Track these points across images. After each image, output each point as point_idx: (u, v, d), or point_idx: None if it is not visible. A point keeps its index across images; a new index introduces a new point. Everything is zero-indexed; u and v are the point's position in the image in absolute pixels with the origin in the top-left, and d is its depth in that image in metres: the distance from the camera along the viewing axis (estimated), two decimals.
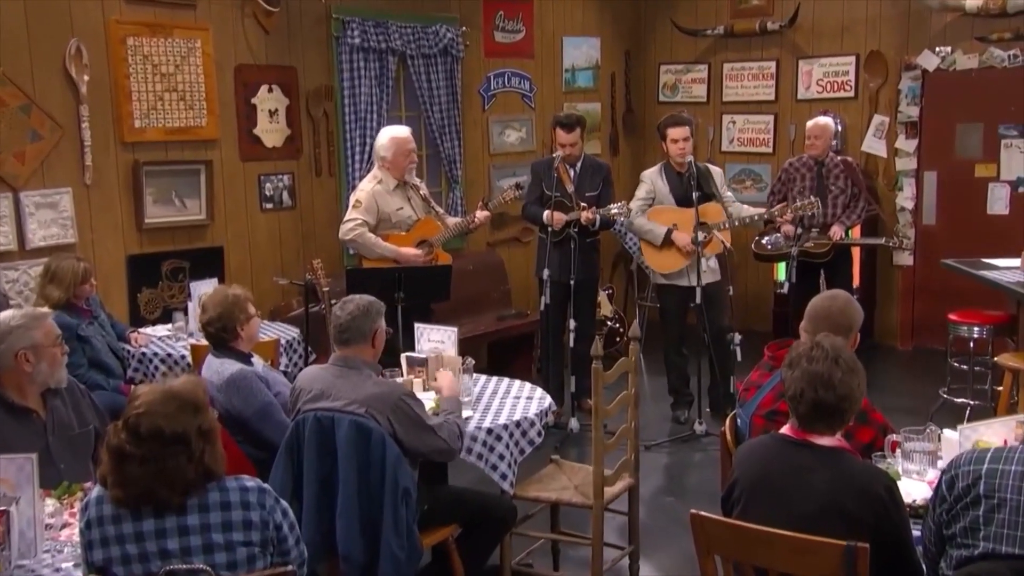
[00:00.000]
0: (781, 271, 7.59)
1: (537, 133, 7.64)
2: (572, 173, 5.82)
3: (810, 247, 6.29)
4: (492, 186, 7.31)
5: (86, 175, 5.28)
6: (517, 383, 4.15)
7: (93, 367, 4.59)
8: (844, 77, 7.56)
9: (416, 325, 4.22)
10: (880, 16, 7.35)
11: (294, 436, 3.25)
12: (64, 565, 2.50)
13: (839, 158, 6.55)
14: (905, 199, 7.38)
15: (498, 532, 3.61)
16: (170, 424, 2.22)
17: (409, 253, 5.23)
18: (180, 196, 5.68)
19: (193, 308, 5.14)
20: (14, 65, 4.99)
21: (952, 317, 5.50)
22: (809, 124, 6.47)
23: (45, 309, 3.92)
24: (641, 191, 5.85)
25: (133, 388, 4.45)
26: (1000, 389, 4.99)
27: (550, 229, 5.63)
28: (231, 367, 3.59)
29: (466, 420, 3.58)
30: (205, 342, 4.58)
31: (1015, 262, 5.33)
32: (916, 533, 2.45)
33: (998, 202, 7.00)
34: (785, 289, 6.19)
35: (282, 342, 4.96)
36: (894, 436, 2.98)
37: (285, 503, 2.42)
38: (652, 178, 5.83)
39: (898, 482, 2.61)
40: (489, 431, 3.60)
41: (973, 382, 5.45)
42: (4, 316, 3.15)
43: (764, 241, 6.73)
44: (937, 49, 7.09)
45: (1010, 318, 5.44)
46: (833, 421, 2.47)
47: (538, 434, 3.77)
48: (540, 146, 7.61)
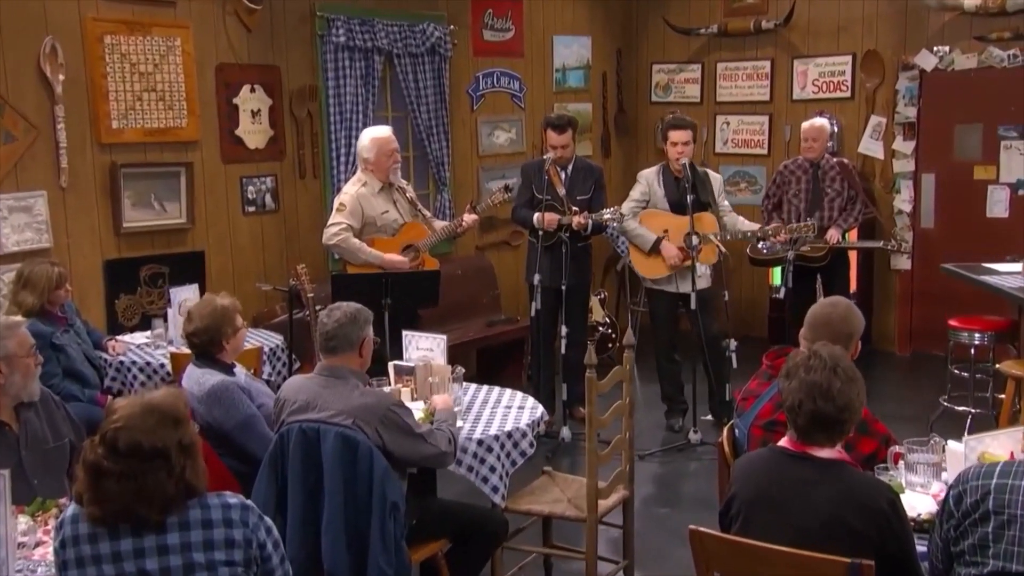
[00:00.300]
0: (776, 276, 7.60)
1: (527, 134, 7.62)
2: (563, 176, 5.80)
3: (806, 251, 6.29)
4: (481, 188, 7.29)
5: (61, 177, 5.23)
6: (508, 392, 4.14)
7: (68, 377, 4.53)
8: (840, 77, 7.57)
9: (404, 333, 4.19)
10: (877, 15, 7.37)
11: (278, 449, 3.22)
12: None
13: (835, 160, 6.56)
14: (903, 202, 7.39)
15: (489, 546, 3.59)
16: (149, 439, 2.18)
17: (394, 260, 5.20)
18: (159, 199, 5.64)
19: (173, 315, 5.13)
20: None
21: (952, 323, 5.50)
22: (805, 126, 6.47)
23: (18, 317, 3.86)
24: (636, 191, 5.84)
25: (110, 400, 4.45)
26: (1002, 397, 4.99)
27: (541, 233, 5.61)
28: (212, 378, 3.57)
29: (458, 430, 3.55)
30: (186, 350, 4.57)
31: (1016, 266, 5.34)
32: (921, 548, 2.44)
33: (997, 205, 7.02)
34: (781, 294, 6.20)
35: (265, 350, 4.94)
36: (897, 447, 2.96)
37: (269, 520, 2.38)
38: (649, 179, 5.82)
39: (901, 495, 2.59)
40: (480, 442, 3.59)
41: (974, 390, 5.46)
42: None
43: (760, 245, 6.73)
44: (935, 49, 7.11)
45: (1012, 324, 5.45)
46: (833, 432, 2.45)
47: (530, 445, 3.77)
48: (530, 147, 7.59)
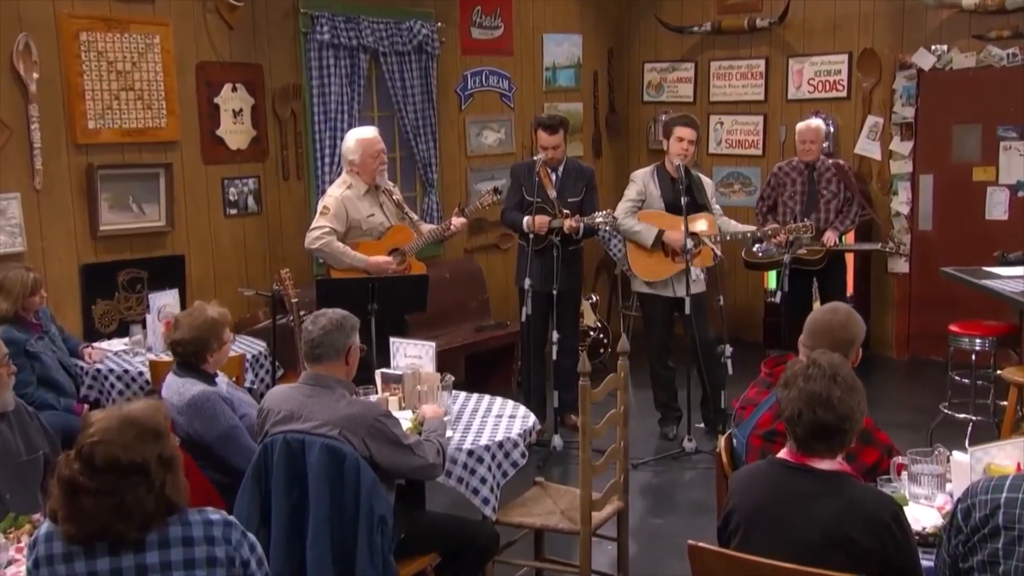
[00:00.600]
0: (772, 279, 7.60)
1: (516, 134, 7.61)
2: (554, 177, 5.79)
3: (803, 254, 6.29)
4: (469, 190, 7.28)
5: (36, 179, 5.19)
6: (499, 401, 4.12)
7: (43, 385, 4.50)
8: (836, 76, 7.58)
9: (391, 340, 4.16)
10: (874, 13, 7.38)
11: (261, 461, 3.19)
12: None
13: (830, 161, 6.56)
14: (900, 204, 7.40)
15: (480, 560, 3.56)
16: (127, 453, 2.15)
17: (380, 261, 5.18)
18: (138, 201, 5.61)
19: (152, 321, 5.11)
20: None
21: (953, 328, 5.50)
22: (801, 127, 6.46)
23: None
24: (631, 191, 5.83)
25: (86, 411, 4.41)
26: (1004, 404, 4.99)
27: (531, 236, 5.59)
28: (193, 387, 3.53)
29: (447, 440, 3.53)
30: (165, 358, 4.55)
31: (1018, 270, 5.34)
32: (926, 563, 2.42)
33: (997, 207, 7.03)
34: (777, 298, 6.18)
35: (248, 357, 4.92)
36: (900, 458, 2.95)
37: (253, 536, 2.35)
38: (644, 179, 5.81)
39: (905, 507, 2.58)
40: (470, 453, 3.57)
41: (975, 397, 5.46)
42: None
43: (755, 248, 6.73)
44: (933, 47, 7.12)
45: (1014, 329, 5.45)
46: (833, 443, 2.44)
47: (522, 455, 3.76)
48: (520, 148, 7.58)
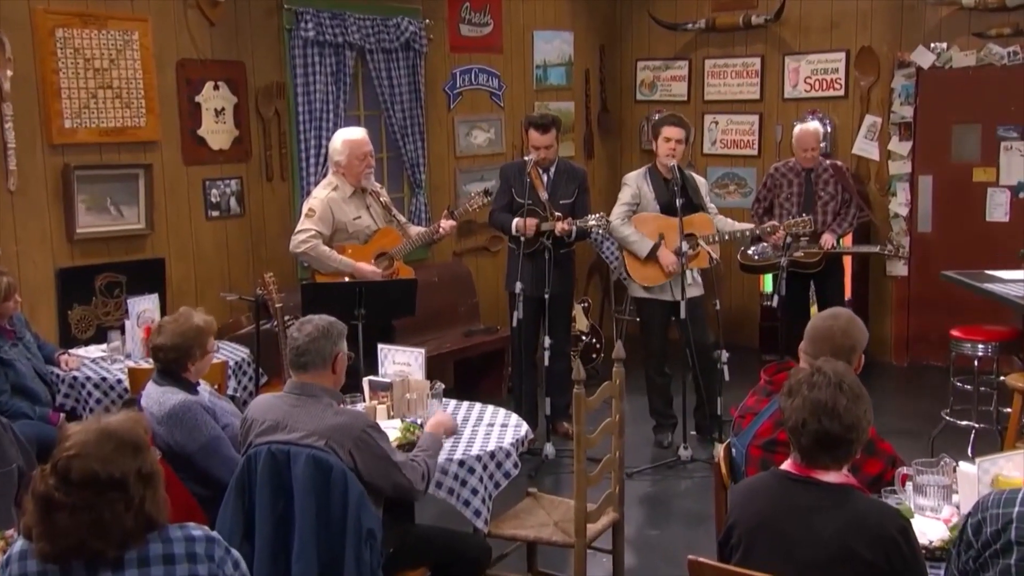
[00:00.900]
0: (768, 282, 7.59)
1: (506, 134, 7.59)
2: (545, 178, 5.78)
3: (800, 257, 6.28)
4: (458, 191, 7.26)
5: (9, 180, 5.15)
6: (490, 409, 4.11)
7: (17, 394, 4.46)
8: (833, 75, 7.59)
9: (379, 346, 4.15)
10: (872, 10, 7.39)
11: (245, 472, 3.16)
12: None
13: (828, 162, 6.55)
14: (899, 205, 7.41)
15: (471, 574, 3.53)
16: (105, 468, 2.11)
17: (366, 269, 5.16)
18: (116, 203, 5.57)
19: (131, 327, 5.08)
20: None
21: (955, 333, 5.49)
22: (799, 132, 6.45)
23: None
24: (625, 195, 5.80)
25: (62, 420, 4.37)
26: (1007, 411, 4.99)
27: (523, 239, 5.57)
28: (174, 397, 3.50)
29: (435, 463, 3.48)
30: (145, 365, 4.52)
31: (1020, 274, 5.33)
32: None
33: (997, 208, 7.04)
34: (773, 302, 6.18)
35: (230, 364, 4.88)
36: (904, 469, 2.93)
37: (236, 553, 2.32)
38: (637, 182, 5.79)
39: (910, 519, 2.55)
40: (461, 463, 3.55)
41: (978, 403, 5.45)
42: None
43: (751, 251, 6.72)
44: (932, 45, 7.13)
45: (1017, 334, 5.44)
46: (839, 454, 2.42)
47: (514, 465, 3.73)
48: (510, 148, 7.56)
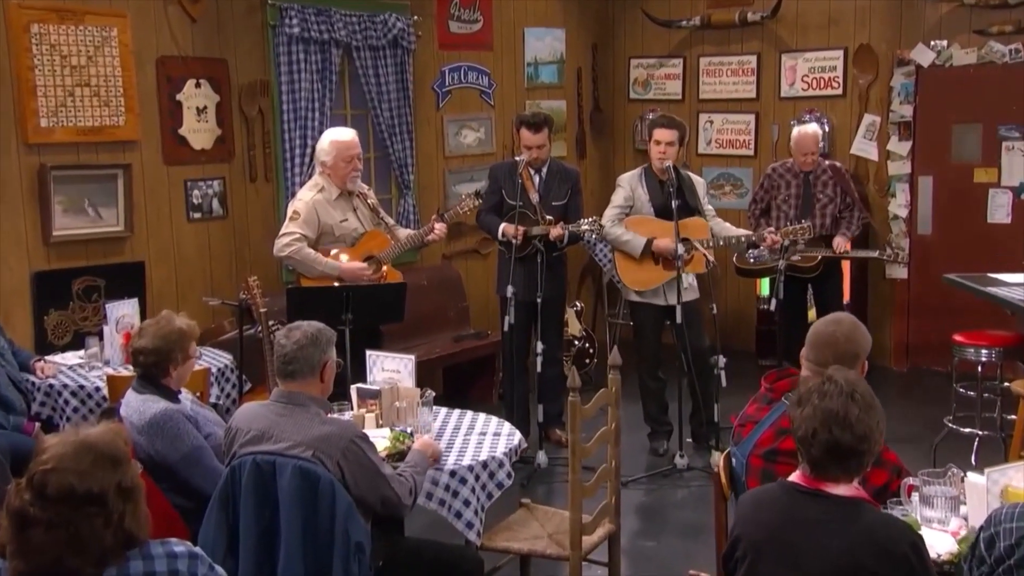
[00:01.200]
0: (764, 286, 7.59)
1: (497, 134, 7.58)
2: (537, 179, 5.77)
3: (797, 261, 6.27)
4: (447, 192, 7.25)
5: None
6: (482, 417, 4.10)
7: None
8: (831, 73, 7.59)
9: (368, 353, 4.12)
10: (870, 7, 7.40)
11: (229, 484, 3.14)
12: None
13: (827, 163, 6.55)
14: (898, 206, 7.41)
15: None
16: (83, 482, 2.06)
17: (353, 266, 5.14)
18: (94, 205, 5.54)
19: (109, 332, 5.03)
20: None
21: (957, 338, 5.48)
22: (797, 135, 6.45)
23: None
24: (619, 197, 5.79)
25: (37, 429, 4.31)
26: (1012, 418, 4.98)
27: (514, 243, 5.54)
28: (155, 405, 3.47)
29: (423, 482, 3.46)
30: (124, 372, 4.47)
31: (1023, 277, 5.33)
32: None
33: (999, 210, 7.05)
34: (771, 306, 6.16)
35: (213, 371, 4.84)
36: (911, 479, 2.91)
37: (221, 570, 2.29)
38: (631, 183, 5.78)
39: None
40: (452, 473, 3.54)
41: (981, 410, 5.45)
42: None
43: (748, 254, 6.70)
44: (932, 43, 7.14)
45: (1021, 339, 5.43)
46: (850, 466, 2.40)
47: (508, 476, 3.73)
48: (500, 148, 7.55)
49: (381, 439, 3.54)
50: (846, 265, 6.97)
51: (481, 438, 3.83)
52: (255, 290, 4.86)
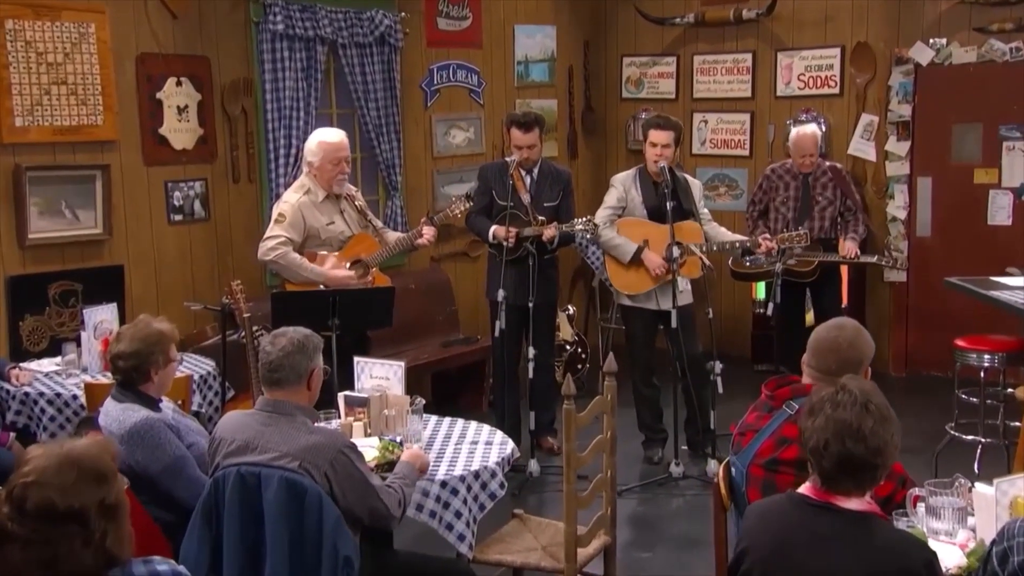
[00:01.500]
0: (760, 290, 7.57)
1: (486, 133, 7.57)
2: (528, 180, 5.75)
3: (793, 265, 6.26)
4: (436, 194, 7.23)
5: None
6: (473, 425, 4.08)
7: None
8: (828, 71, 7.59)
9: (356, 360, 4.10)
10: (868, 4, 7.40)
11: (212, 496, 3.11)
12: None
13: (827, 164, 6.54)
14: (897, 208, 7.41)
15: None
16: (64, 498, 2.02)
17: (339, 276, 5.12)
18: (71, 207, 5.52)
19: (87, 339, 5.01)
20: None
21: (959, 343, 5.48)
22: (795, 136, 6.44)
23: None
24: (611, 197, 5.77)
25: (12, 440, 4.25)
26: (1016, 425, 4.98)
27: (505, 246, 5.51)
28: (135, 414, 3.42)
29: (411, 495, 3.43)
30: (102, 380, 4.43)
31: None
32: None
33: (1000, 211, 7.06)
34: (768, 310, 6.14)
35: (195, 378, 4.82)
36: (916, 490, 2.89)
37: None
38: (625, 184, 5.76)
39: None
40: (443, 484, 3.51)
41: (984, 417, 5.44)
42: None
43: (744, 258, 6.68)
44: (931, 41, 7.15)
45: None
46: (863, 479, 2.38)
47: (500, 486, 3.70)
48: (490, 148, 7.53)
49: (369, 449, 3.51)
50: (844, 268, 6.97)
51: (473, 447, 3.80)
52: (238, 295, 4.85)
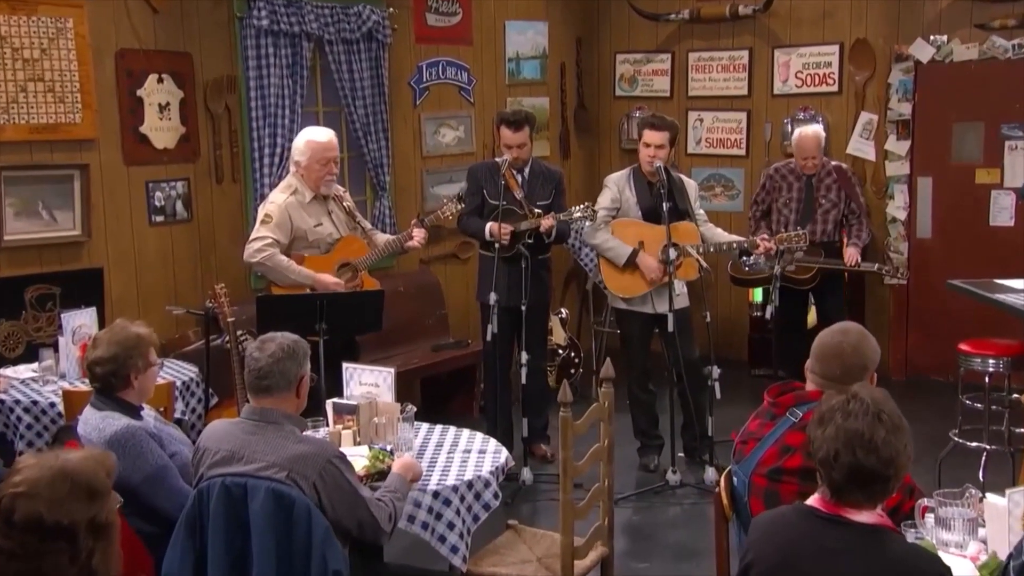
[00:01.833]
0: (757, 292, 7.56)
1: (477, 132, 7.56)
2: (520, 179, 5.74)
3: (792, 272, 6.25)
4: (425, 194, 7.21)
5: None
6: (466, 433, 4.06)
7: None
8: (826, 69, 7.59)
9: (345, 366, 4.08)
10: (867, 0, 7.39)
11: (196, 508, 3.08)
12: None
13: (832, 164, 6.52)
14: (896, 208, 7.41)
15: None
16: (53, 512, 1.99)
17: (327, 281, 5.09)
18: (48, 207, 5.49)
19: (65, 344, 4.98)
20: None
21: (963, 347, 5.47)
22: (797, 136, 6.43)
23: None
24: (605, 198, 5.75)
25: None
26: (1022, 431, 4.96)
27: (497, 245, 5.49)
28: (115, 422, 3.38)
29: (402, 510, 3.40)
30: (81, 387, 4.39)
31: None
32: None
33: (1002, 212, 7.06)
34: (766, 313, 6.12)
35: (177, 384, 4.79)
36: (925, 500, 2.87)
37: None
38: (619, 184, 5.74)
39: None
40: (435, 494, 3.49)
41: (989, 423, 5.44)
42: None
43: (742, 261, 6.67)
44: (932, 38, 7.15)
45: None
46: (874, 491, 2.34)
47: (494, 496, 3.69)
48: (481, 147, 7.52)
49: (359, 458, 3.49)
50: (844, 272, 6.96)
51: (466, 456, 3.78)
52: (222, 298, 4.84)
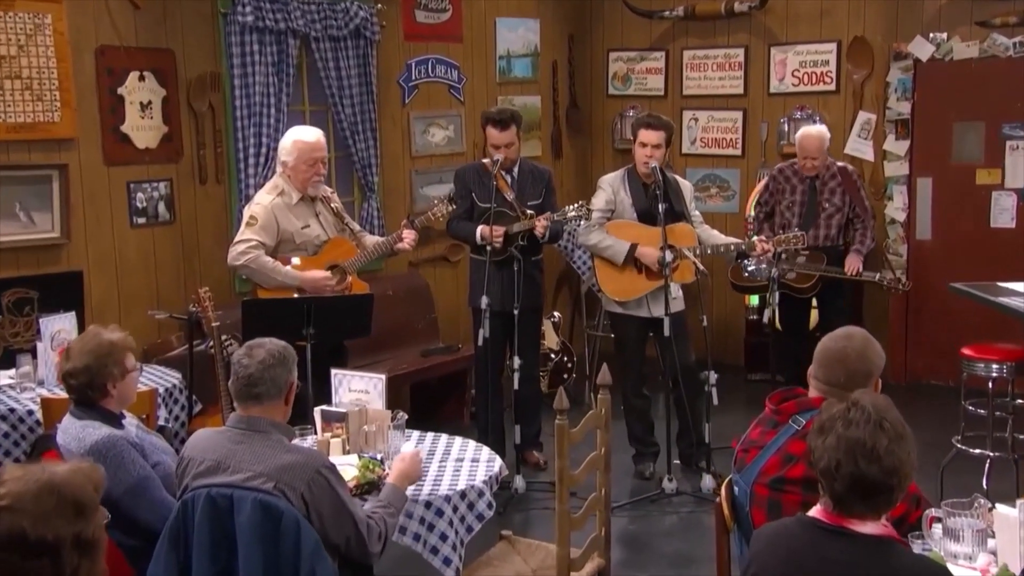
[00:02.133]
0: (753, 296, 7.54)
1: (467, 132, 7.54)
2: (510, 180, 5.75)
3: (792, 280, 6.23)
4: (415, 195, 7.21)
5: None
6: (458, 441, 4.04)
7: None
8: (824, 67, 7.60)
9: (334, 372, 4.06)
10: None
11: (180, 520, 3.06)
12: None
13: (838, 166, 6.51)
14: (895, 210, 7.42)
15: None
16: (37, 528, 1.95)
17: (316, 275, 5.08)
18: (26, 209, 5.48)
19: (44, 350, 4.97)
20: None
21: (966, 352, 5.46)
22: (799, 137, 6.45)
23: None
24: (599, 200, 5.74)
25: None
26: None
27: (489, 248, 5.47)
28: (96, 432, 3.35)
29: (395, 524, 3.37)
30: (60, 394, 4.34)
31: None
32: None
33: (1003, 213, 7.08)
34: (764, 317, 6.12)
35: (160, 391, 4.77)
36: (932, 510, 2.85)
37: None
38: (614, 186, 5.73)
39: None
40: (428, 505, 3.46)
41: (993, 429, 5.44)
42: None
43: (742, 264, 6.65)
44: (931, 35, 7.17)
45: None
46: (878, 502, 2.33)
47: (488, 506, 3.66)
48: (471, 147, 7.51)
49: (348, 467, 3.47)
50: None
51: (458, 465, 3.76)
52: (206, 302, 4.83)
